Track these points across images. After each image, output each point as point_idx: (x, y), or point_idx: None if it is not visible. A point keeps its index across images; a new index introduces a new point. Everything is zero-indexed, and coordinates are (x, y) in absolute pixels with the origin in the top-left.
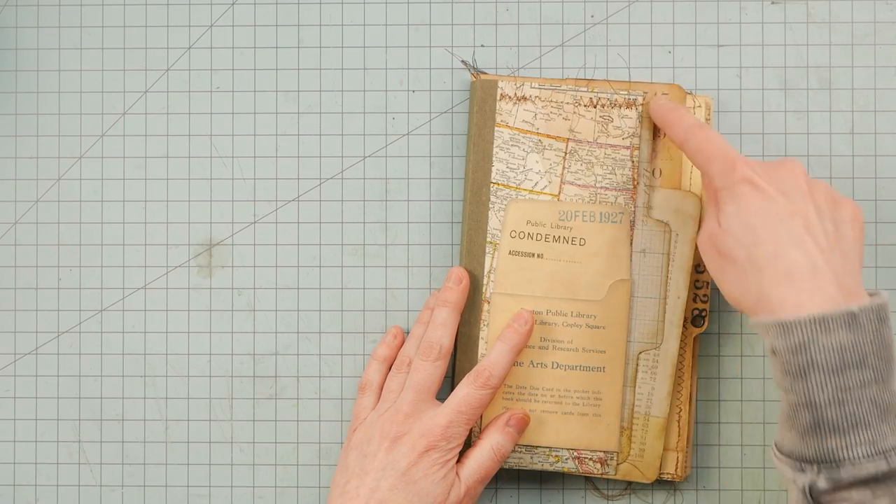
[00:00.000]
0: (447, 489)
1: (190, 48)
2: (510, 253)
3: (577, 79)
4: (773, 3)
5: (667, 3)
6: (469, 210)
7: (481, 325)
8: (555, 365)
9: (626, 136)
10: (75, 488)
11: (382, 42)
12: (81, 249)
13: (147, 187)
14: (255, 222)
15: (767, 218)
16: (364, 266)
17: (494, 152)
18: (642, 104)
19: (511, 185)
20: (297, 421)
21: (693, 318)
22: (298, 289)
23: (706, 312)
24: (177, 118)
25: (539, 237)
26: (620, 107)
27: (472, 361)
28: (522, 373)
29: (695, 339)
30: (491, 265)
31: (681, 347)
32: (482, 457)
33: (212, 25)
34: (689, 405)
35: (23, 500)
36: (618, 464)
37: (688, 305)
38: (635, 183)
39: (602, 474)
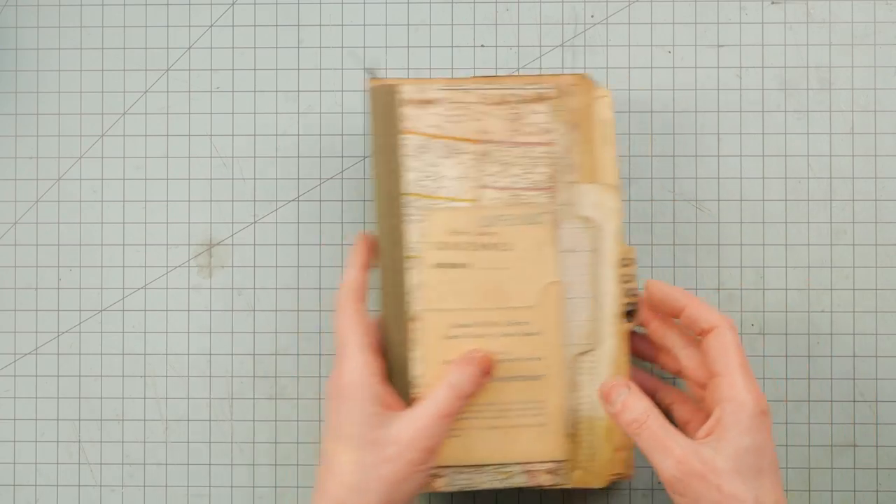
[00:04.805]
0: None
1: (190, 48)
2: (434, 266)
3: (482, 77)
4: (773, 3)
5: (667, 3)
6: (383, 225)
7: (411, 346)
8: (493, 378)
9: (540, 132)
10: (75, 488)
11: (382, 42)
12: (81, 249)
13: (147, 187)
14: (255, 222)
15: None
16: None
17: (404, 161)
18: (554, 98)
19: (426, 194)
20: (297, 421)
21: (624, 314)
22: (298, 289)
23: (636, 307)
24: (177, 118)
25: (462, 246)
26: (531, 102)
27: (405, 384)
28: None
29: (627, 333)
30: (414, 281)
31: (618, 344)
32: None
33: (212, 25)
34: None
35: (23, 500)
36: (568, 471)
37: (618, 300)
38: (555, 180)
39: (554, 485)
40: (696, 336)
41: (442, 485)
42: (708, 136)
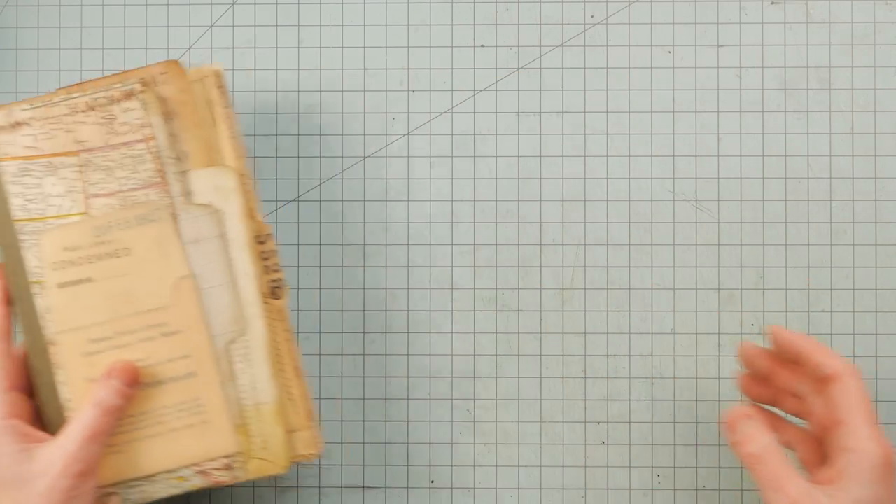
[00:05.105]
0: None
1: (190, 48)
2: (59, 286)
3: (69, 86)
4: (773, 3)
5: (667, 3)
6: (5, 255)
7: (55, 370)
8: (143, 385)
9: (136, 129)
10: None
11: (382, 42)
12: None
13: None
14: None
15: None
16: (364, 266)
17: (6, 188)
18: (142, 91)
19: (36, 217)
20: None
21: (271, 291)
22: (298, 289)
23: (283, 281)
24: None
25: (81, 261)
26: (120, 101)
27: (57, 409)
28: None
29: (281, 310)
30: (44, 305)
31: (270, 324)
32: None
33: (212, 25)
34: (298, 379)
35: None
36: (245, 463)
37: (261, 280)
38: (162, 174)
39: (234, 479)
40: (819, 383)
41: (117, 502)
42: (708, 136)
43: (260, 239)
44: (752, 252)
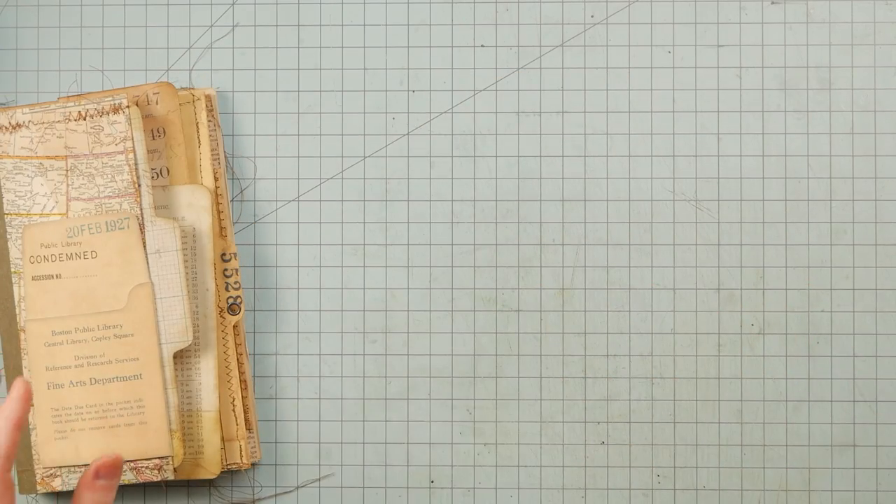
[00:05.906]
0: None
1: (190, 48)
2: (33, 278)
3: (67, 96)
4: (773, 3)
5: (667, 3)
6: None
7: (22, 355)
8: (92, 381)
9: (118, 141)
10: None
11: (382, 42)
12: None
13: None
14: (255, 222)
15: None
16: (364, 266)
17: (1, 184)
18: (128, 107)
19: (22, 212)
20: (298, 421)
21: (229, 307)
22: (298, 289)
23: (240, 299)
24: None
25: (53, 258)
26: (108, 114)
27: None
28: (64, 394)
29: (235, 326)
30: (20, 294)
31: (222, 338)
32: None
33: (212, 25)
34: (244, 393)
35: (22, 500)
36: (175, 466)
37: (220, 295)
38: (136, 185)
39: (163, 479)
40: None
41: (58, 485)
42: (708, 136)
43: (225, 257)
44: (752, 252)
